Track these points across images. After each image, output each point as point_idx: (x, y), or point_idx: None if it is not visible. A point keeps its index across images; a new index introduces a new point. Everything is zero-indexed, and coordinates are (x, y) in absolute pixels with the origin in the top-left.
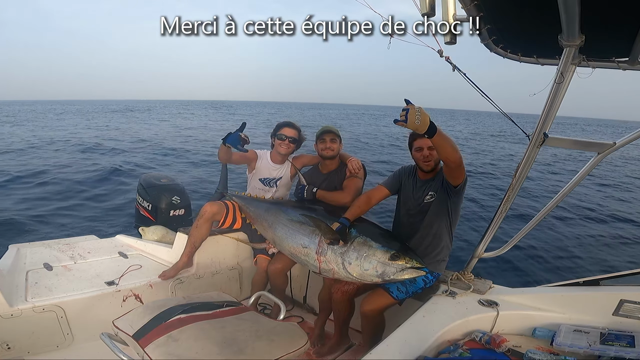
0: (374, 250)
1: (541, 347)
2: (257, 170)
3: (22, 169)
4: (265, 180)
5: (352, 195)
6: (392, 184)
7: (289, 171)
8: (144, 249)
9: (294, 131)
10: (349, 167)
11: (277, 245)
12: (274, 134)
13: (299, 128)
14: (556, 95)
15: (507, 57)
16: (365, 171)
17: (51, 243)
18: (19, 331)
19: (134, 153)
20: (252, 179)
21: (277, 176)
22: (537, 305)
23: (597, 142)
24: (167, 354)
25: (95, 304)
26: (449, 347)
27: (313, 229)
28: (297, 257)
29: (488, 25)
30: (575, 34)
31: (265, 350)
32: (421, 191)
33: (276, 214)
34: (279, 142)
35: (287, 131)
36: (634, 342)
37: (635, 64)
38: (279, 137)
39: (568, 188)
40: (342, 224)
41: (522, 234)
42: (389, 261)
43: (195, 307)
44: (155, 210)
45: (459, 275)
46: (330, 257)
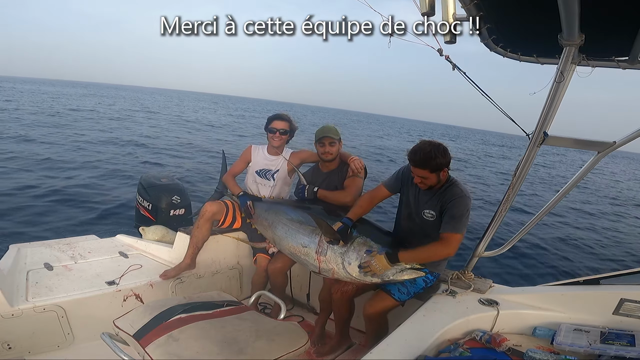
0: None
1: (541, 346)
2: (254, 163)
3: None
4: (262, 171)
5: (354, 194)
6: (394, 185)
7: (287, 165)
8: (144, 249)
9: (284, 123)
10: (351, 167)
11: (277, 245)
12: (266, 127)
13: (289, 119)
14: (556, 94)
15: (507, 56)
16: (366, 171)
17: (51, 243)
18: (19, 331)
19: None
20: (249, 172)
21: (274, 168)
22: (537, 305)
23: (598, 141)
24: (167, 354)
25: (95, 303)
26: (450, 346)
27: (313, 228)
28: (296, 257)
29: (488, 24)
30: (575, 33)
31: (265, 349)
32: (421, 203)
33: (276, 213)
34: (271, 135)
35: (277, 124)
36: (634, 341)
37: (635, 62)
38: (270, 131)
39: (568, 187)
40: (345, 224)
41: (522, 233)
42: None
43: (195, 307)
44: (155, 210)
45: (459, 274)
46: (330, 257)
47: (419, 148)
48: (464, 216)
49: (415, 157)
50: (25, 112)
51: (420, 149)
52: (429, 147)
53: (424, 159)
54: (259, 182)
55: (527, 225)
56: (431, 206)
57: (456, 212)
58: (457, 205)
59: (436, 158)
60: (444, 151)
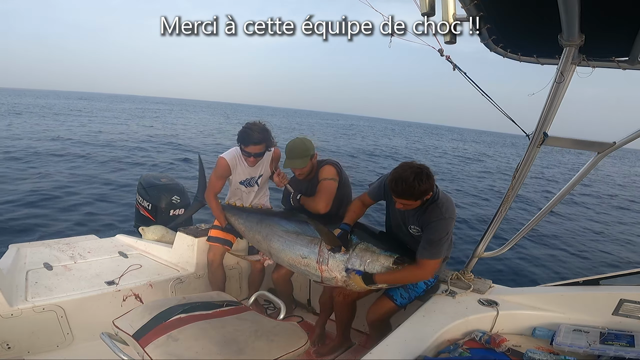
0: (377, 255)
1: (541, 346)
2: (235, 176)
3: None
4: (245, 181)
5: (325, 199)
6: (377, 194)
7: (268, 166)
8: (144, 249)
9: (259, 147)
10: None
11: (274, 257)
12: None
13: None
14: (556, 94)
15: (507, 56)
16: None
17: (51, 243)
18: (19, 331)
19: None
20: (232, 184)
21: (257, 175)
22: (536, 305)
23: (597, 142)
24: (167, 354)
25: (95, 303)
26: (449, 346)
27: (311, 238)
28: (296, 268)
29: (488, 24)
30: (575, 33)
31: (265, 350)
32: (407, 217)
33: (270, 226)
34: (245, 157)
35: (252, 149)
36: (634, 342)
37: (635, 63)
38: (245, 154)
39: (568, 187)
40: (344, 230)
41: (523, 233)
42: (393, 266)
43: (195, 307)
44: (155, 210)
45: (458, 274)
46: (333, 265)
47: (400, 177)
48: (442, 239)
49: (397, 187)
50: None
51: (402, 179)
52: (411, 175)
53: (407, 191)
54: (245, 190)
55: (527, 226)
56: (415, 222)
57: (434, 236)
58: (436, 229)
59: (420, 186)
60: (427, 176)
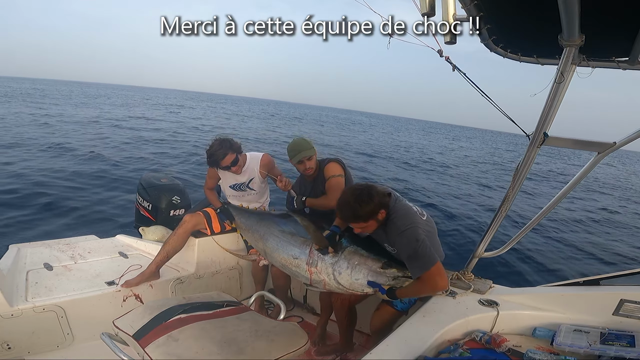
0: (364, 258)
1: (541, 346)
2: (224, 180)
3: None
4: (235, 185)
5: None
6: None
7: (258, 170)
8: (144, 249)
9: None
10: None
11: (268, 257)
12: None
13: (226, 150)
14: (556, 95)
15: (507, 56)
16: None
17: (51, 243)
18: (19, 331)
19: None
20: (223, 187)
21: (245, 180)
22: (537, 305)
23: (598, 142)
24: (167, 354)
25: (95, 304)
26: (449, 346)
27: (304, 239)
28: (287, 269)
29: (488, 25)
30: (575, 33)
31: (265, 350)
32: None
33: (268, 226)
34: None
35: (225, 162)
36: (634, 342)
37: (635, 63)
38: (223, 169)
39: (568, 188)
40: (333, 232)
41: (523, 233)
42: (380, 270)
43: (195, 307)
44: (155, 210)
45: (459, 275)
46: (321, 267)
47: (343, 202)
48: (417, 250)
49: (342, 214)
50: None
51: (345, 204)
52: (351, 198)
53: (352, 215)
54: (237, 194)
55: (527, 226)
56: (386, 242)
57: (408, 251)
58: (403, 245)
59: (362, 208)
60: (369, 196)
